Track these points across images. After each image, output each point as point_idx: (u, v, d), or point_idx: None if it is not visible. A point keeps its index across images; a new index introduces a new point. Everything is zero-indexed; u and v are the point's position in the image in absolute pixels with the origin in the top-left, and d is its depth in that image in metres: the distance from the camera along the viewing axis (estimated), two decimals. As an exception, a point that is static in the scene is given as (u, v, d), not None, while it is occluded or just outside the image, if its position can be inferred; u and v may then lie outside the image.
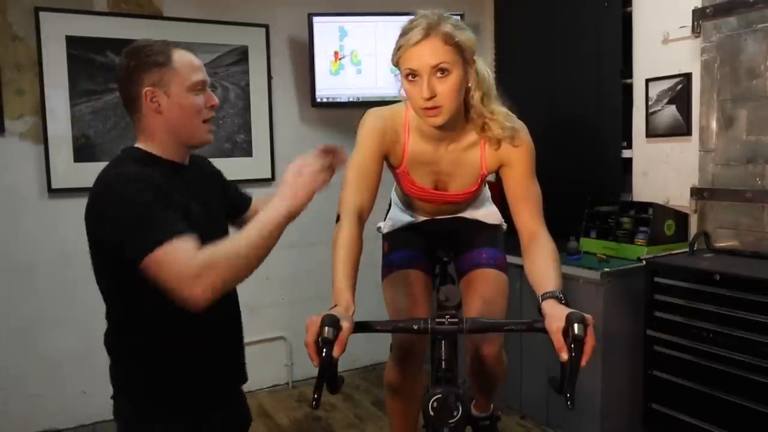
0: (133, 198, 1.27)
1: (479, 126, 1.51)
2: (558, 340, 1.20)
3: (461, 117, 1.50)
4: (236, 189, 1.74)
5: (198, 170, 1.55)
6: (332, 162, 1.41)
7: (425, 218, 1.82)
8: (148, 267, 1.22)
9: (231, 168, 3.18)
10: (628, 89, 2.92)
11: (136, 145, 1.43)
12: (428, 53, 1.37)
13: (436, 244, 1.87)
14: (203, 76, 1.43)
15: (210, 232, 1.38)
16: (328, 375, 1.19)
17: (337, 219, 1.43)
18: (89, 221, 1.34)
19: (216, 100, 1.46)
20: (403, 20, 1.44)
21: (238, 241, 1.28)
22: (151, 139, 1.41)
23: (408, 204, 1.81)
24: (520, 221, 1.54)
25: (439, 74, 1.37)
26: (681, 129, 2.69)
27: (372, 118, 1.54)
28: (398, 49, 1.40)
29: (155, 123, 1.39)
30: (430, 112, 1.41)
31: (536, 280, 1.39)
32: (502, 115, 1.50)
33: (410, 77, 1.40)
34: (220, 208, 1.59)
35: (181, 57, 1.39)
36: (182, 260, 1.20)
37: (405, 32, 1.40)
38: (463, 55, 1.39)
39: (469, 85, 1.45)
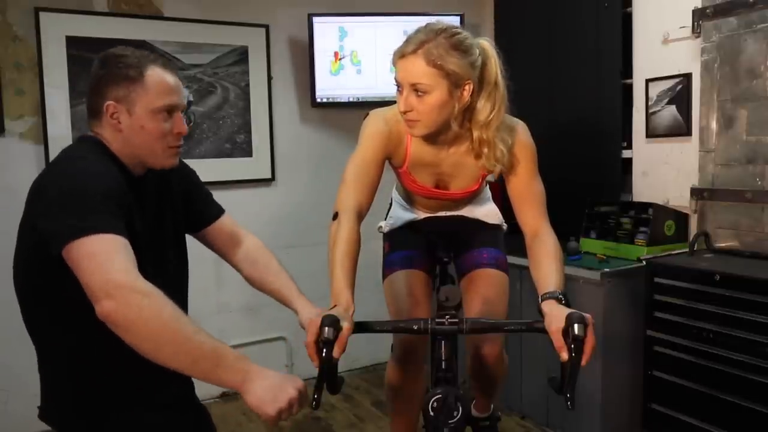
0: (82, 178, 1.15)
1: (475, 150, 1.51)
2: (558, 340, 1.20)
3: (457, 127, 1.49)
4: (205, 200, 1.55)
5: (159, 180, 1.40)
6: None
7: (426, 215, 1.82)
8: (69, 255, 1.08)
9: (231, 168, 3.23)
10: (628, 89, 2.92)
11: (97, 137, 1.30)
12: (408, 71, 1.39)
13: (437, 244, 1.87)
14: (176, 99, 1.30)
15: (152, 259, 1.29)
16: (328, 375, 1.19)
17: (334, 217, 1.40)
18: (29, 197, 1.22)
19: (185, 128, 1.32)
20: (403, 20, 1.44)
21: (180, 316, 1.09)
22: (110, 142, 1.30)
23: (409, 199, 1.81)
24: (524, 220, 1.54)
25: (417, 92, 1.38)
26: (681, 129, 2.68)
27: (376, 120, 1.54)
28: (393, 55, 1.42)
29: (113, 138, 1.29)
30: (408, 122, 1.44)
31: (538, 280, 1.39)
32: (498, 148, 1.47)
33: (397, 85, 1.43)
34: (176, 230, 1.44)
35: (155, 75, 1.27)
36: (106, 263, 1.06)
37: (404, 41, 1.41)
38: (449, 78, 1.38)
39: (461, 105, 1.43)
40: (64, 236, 1.09)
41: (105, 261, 1.07)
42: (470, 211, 1.82)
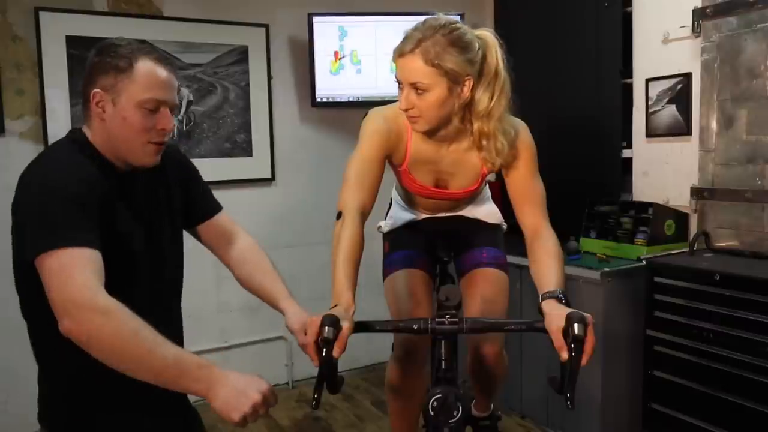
0: (54, 184, 1.16)
1: (476, 143, 1.51)
2: (558, 339, 1.20)
3: (458, 122, 1.50)
4: (204, 194, 1.52)
5: (153, 173, 1.37)
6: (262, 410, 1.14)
7: (426, 215, 1.81)
8: (38, 268, 1.11)
9: (231, 168, 3.23)
10: (628, 89, 2.92)
11: (84, 131, 1.30)
12: (407, 70, 1.39)
13: (436, 244, 1.86)
14: (164, 95, 1.26)
15: (149, 256, 1.29)
16: (328, 375, 1.19)
17: (338, 216, 1.40)
18: (12, 202, 1.22)
19: (168, 125, 1.28)
20: (403, 20, 1.44)
21: (140, 331, 1.08)
22: (95, 135, 1.29)
23: (409, 200, 1.81)
24: (524, 219, 1.54)
25: (417, 90, 1.39)
26: (681, 129, 2.68)
27: (376, 118, 1.53)
28: (393, 53, 1.42)
29: (98, 128, 1.28)
30: (410, 119, 1.45)
31: (538, 280, 1.39)
32: (499, 140, 1.47)
33: (397, 83, 1.43)
34: (173, 225, 1.43)
35: (144, 68, 1.23)
36: (67, 280, 1.07)
37: (402, 38, 1.41)
38: (448, 76, 1.38)
39: (461, 101, 1.43)
40: (33, 249, 1.11)
41: (66, 278, 1.08)
42: (470, 212, 1.82)
